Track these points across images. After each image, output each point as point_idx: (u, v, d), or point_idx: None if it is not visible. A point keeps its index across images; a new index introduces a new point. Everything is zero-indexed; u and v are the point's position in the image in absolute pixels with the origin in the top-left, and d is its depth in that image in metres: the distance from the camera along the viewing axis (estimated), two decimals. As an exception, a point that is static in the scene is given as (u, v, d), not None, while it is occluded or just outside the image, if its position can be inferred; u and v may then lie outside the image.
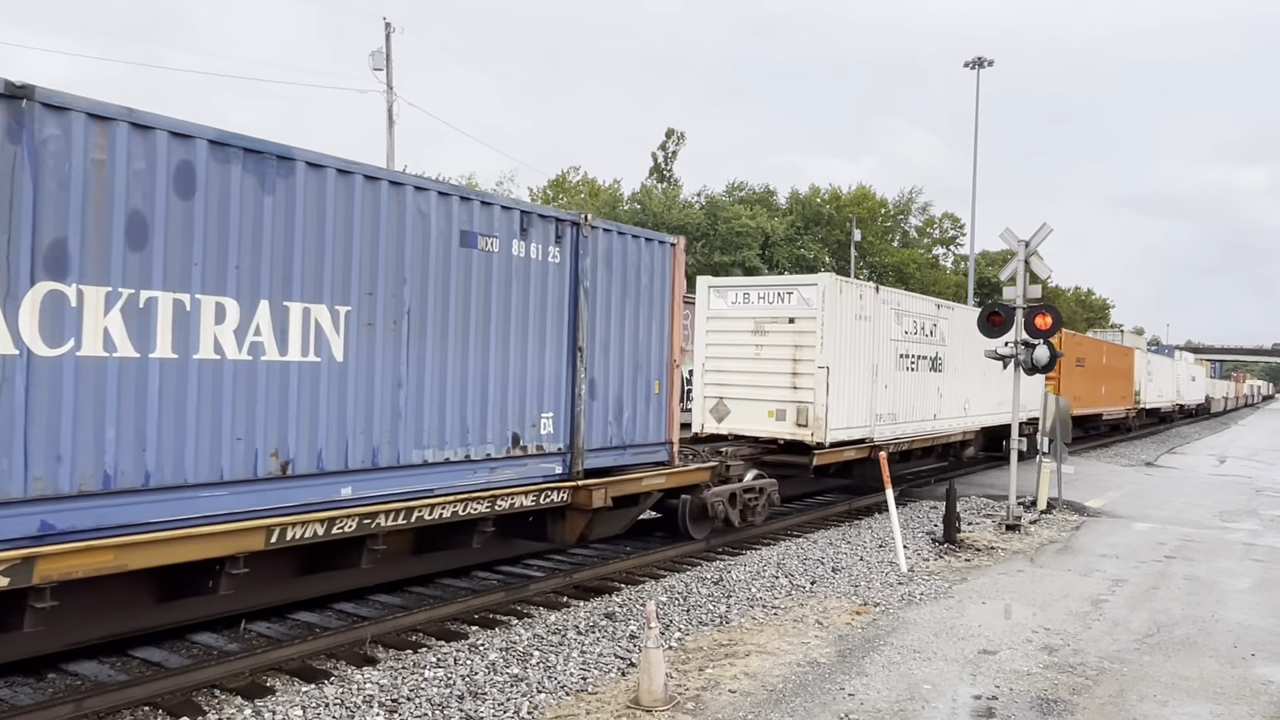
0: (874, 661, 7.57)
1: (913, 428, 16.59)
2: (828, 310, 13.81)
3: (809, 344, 13.85)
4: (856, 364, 14.47)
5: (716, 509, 12.02)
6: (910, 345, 16.38)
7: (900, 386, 15.98)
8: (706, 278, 15.41)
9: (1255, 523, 15.88)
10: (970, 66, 43.45)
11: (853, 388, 14.37)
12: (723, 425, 14.62)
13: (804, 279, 14.39)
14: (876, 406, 15.10)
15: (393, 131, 31.43)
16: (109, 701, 6.22)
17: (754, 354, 14.43)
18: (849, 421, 14.38)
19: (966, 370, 18.84)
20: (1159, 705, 6.83)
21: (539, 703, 6.53)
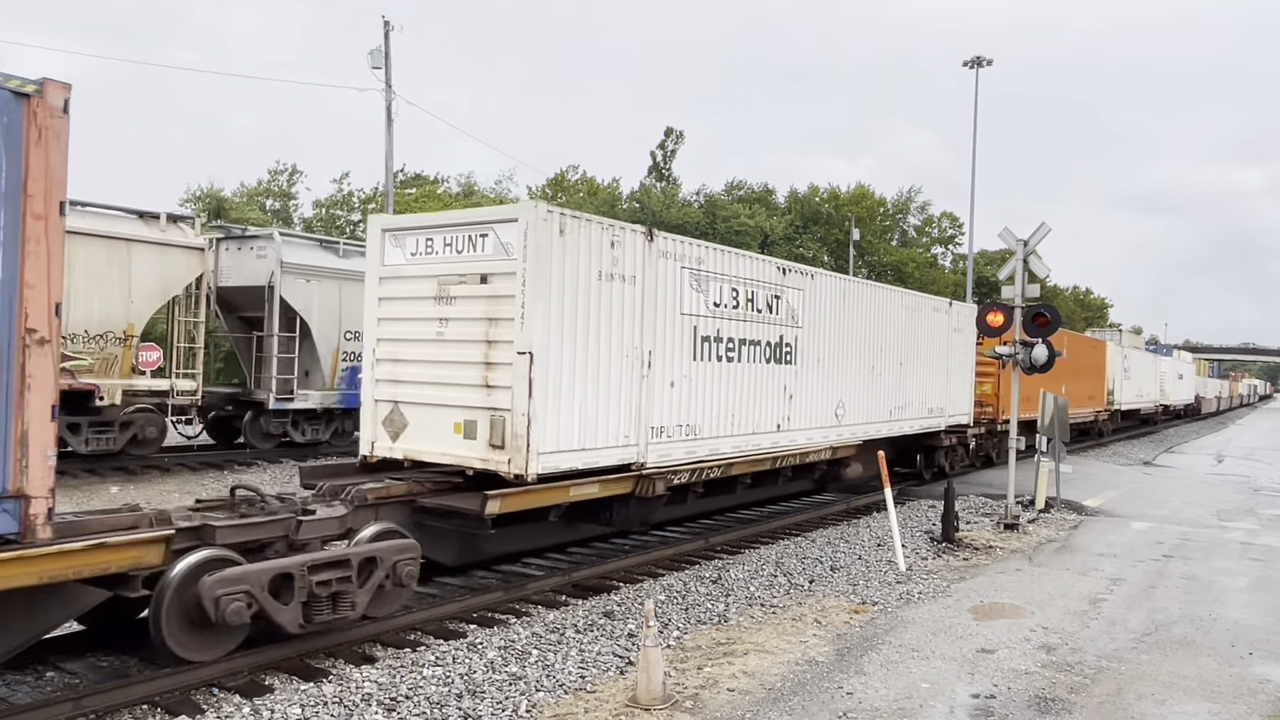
0: (872, 660, 7.57)
1: (731, 444, 11.85)
2: (536, 261, 8.80)
3: (506, 316, 8.99)
4: (600, 349, 9.64)
5: (225, 609, 6.55)
6: (726, 324, 11.67)
7: (705, 384, 11.29)
8: (381, 216, 10.72)
9: (1253, 522, 15.90)
10: (969, 66, 43.44)
11: (595, 386, 9.60)
12: (398, 446, 9.85)
13: (501, 211, 9.58)
14: (653, 415, 10.38)
15: (391, 130, 31.41)
16: (107, 700, 6.21)
17: (437, 334, 9.56)
18: (586, 439, 9.52)
19: (840, 362, 14.53)
20: (1157, 704, 6.84)
21: (537, 701, 6.53)
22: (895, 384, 16.39)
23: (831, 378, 14.31)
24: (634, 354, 10.15)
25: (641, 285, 10.20)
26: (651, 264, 10.39)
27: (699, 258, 11.22)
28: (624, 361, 10.00)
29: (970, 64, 43.40)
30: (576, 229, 9.35)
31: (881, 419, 15.98)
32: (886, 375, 16.04)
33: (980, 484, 19.31)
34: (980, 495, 17.59)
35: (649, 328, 10.35)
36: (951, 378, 18.73)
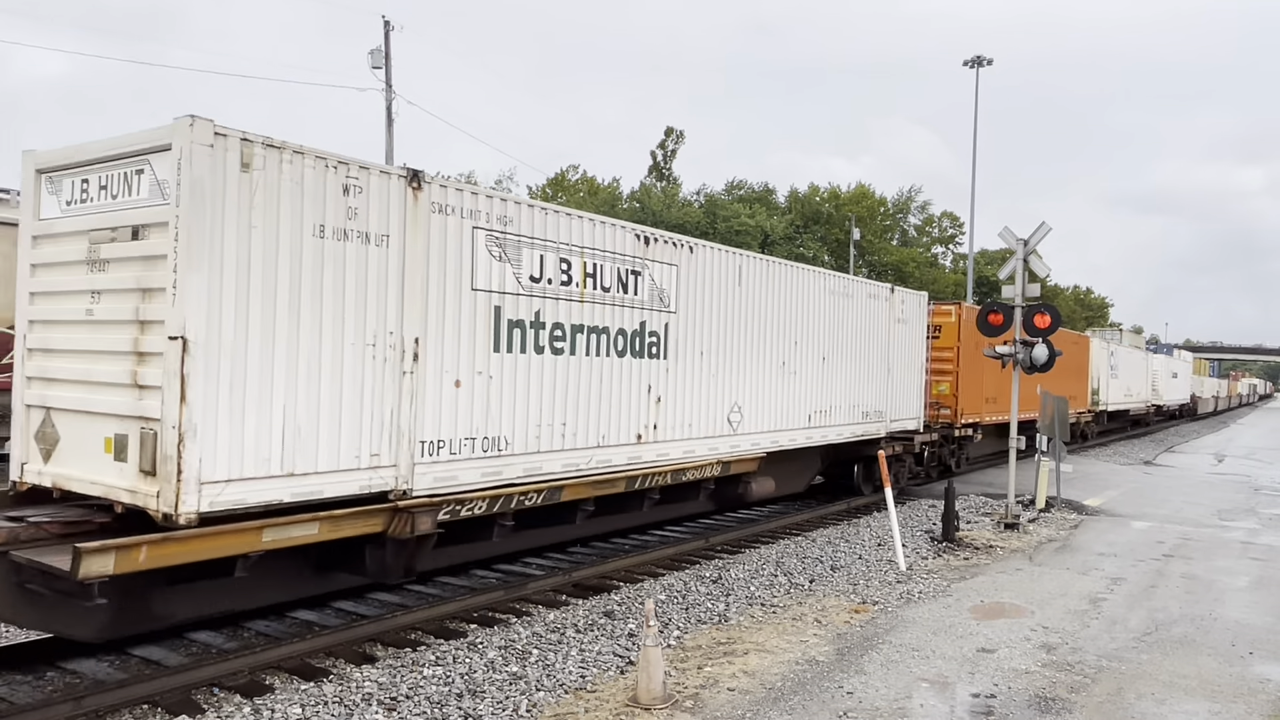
0: (872, 660, 7.58)
1: (561, 461, 9.24)
2: (198, 206, 6.27)
3: (159, 285, 6.40)
4: (324, 336, 7.07)
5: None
6: (552, 306, 9.09)
7: (517, 384, 8.71)
8: (36, 151, 7.49)
9: (1253, 521, 15.89)
10: (969, 65, 43.45)
11: (312, 387, 7.00)
12: (48, 469, 7.15)
13: (154, 135, 6.52)
14: (423, 426, 7.83)
15: (392, 130, 31.41)
16: (108, 700, 6.22)
17: (86, 312, 6.98)
18: (298, 460, 6.89)
19: (734, 356, 11.94)
20: (1157, 703, 6.84)
21: (538, 701, 6.53)
22: (816, 383, 13.87)
23: (722, 376, 11.72)
24: (386, 343, 7.50)
25: (402, 249, 7.60)
26: (419, 220, 7.73)
27: (504, 216, 8.52)
28: (367, 353, 7.36)
29: (970, 63, 43.41)
30: (278, 165, 6.68)
31: (796, 425, 13.42)
32: (804, 373, 13.52)
33: (981, 483, 19.31)
34: (981, 495, 17.60)
35: (415, 308, 7.71)
36: (895, 376, 16.32)
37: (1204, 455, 30.99)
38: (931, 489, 17.88)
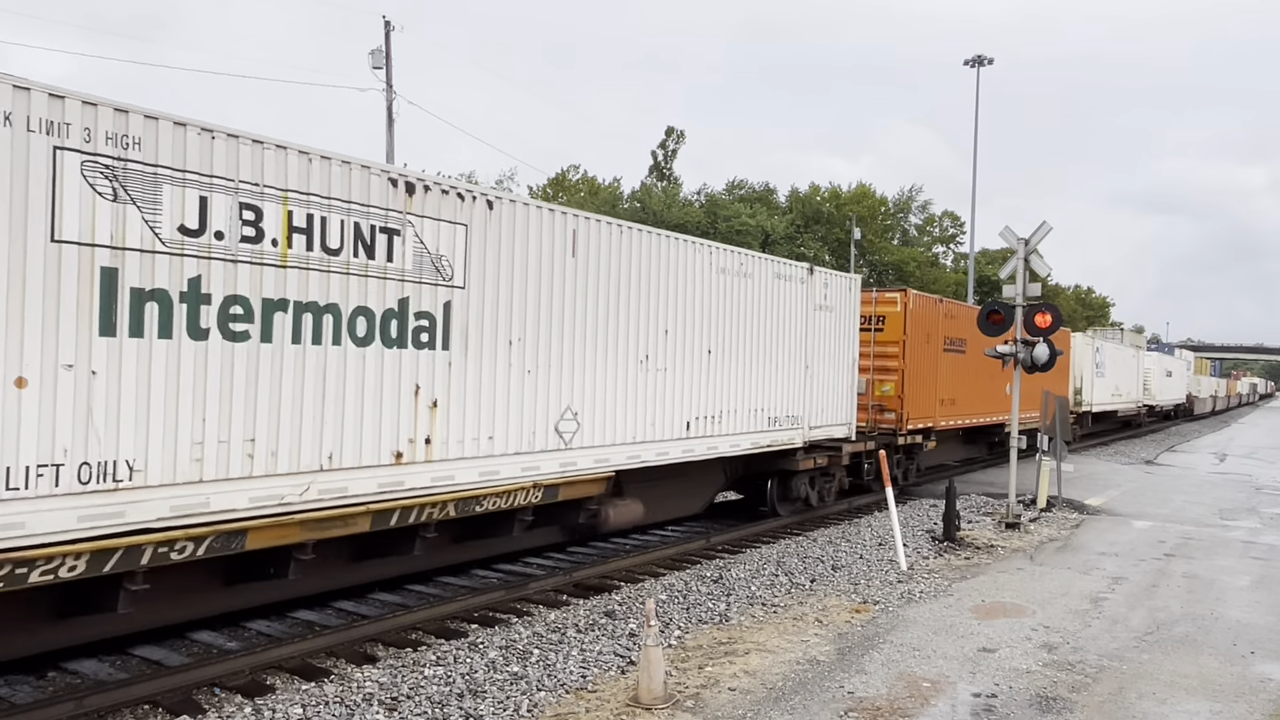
0: (873, 659, 7.57)
1: (250, 493, 6.72)
2: None
3: None
4: None
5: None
6: (224, 270, 6.61)
7: (150, 383, 6.22)
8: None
9: (1255, 520, 15.89)
10: (970, 65, 43.43)
11: None
12: None
13: None
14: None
15: (392, 130, 31.41)
16: (109, 700, 6.22)
17: None
18: None
19: (567, 347, 9.50)
20: (1158, 703, 6.84)
21: (539, 700, 6.53)
22: (698, 383, 11.36)
23: (546, 373, 9.16)
24: None
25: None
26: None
27: (125, 135, 6.02)
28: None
29: (971, 63, 43.38)
30: None
31: (667, 436, 10.86)
32: (678, 370, 10.98)
33: (982, 483, 19.30)
34: (982, 494, 17.59)
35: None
36: (817, 375, 13.83)
37: (1205, 454, 30.98)
38: (933, 488, 17.87)
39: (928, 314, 17.59)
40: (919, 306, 17.01)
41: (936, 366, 17.58)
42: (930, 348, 17.49)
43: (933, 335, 17.58)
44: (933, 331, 17.62)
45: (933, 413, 17.54)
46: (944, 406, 18.01)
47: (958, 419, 18.75)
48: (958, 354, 18.66)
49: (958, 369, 18.82)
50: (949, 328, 18.37)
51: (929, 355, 17.32)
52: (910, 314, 16.67)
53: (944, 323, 18.17)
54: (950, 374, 17.98)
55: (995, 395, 20.51)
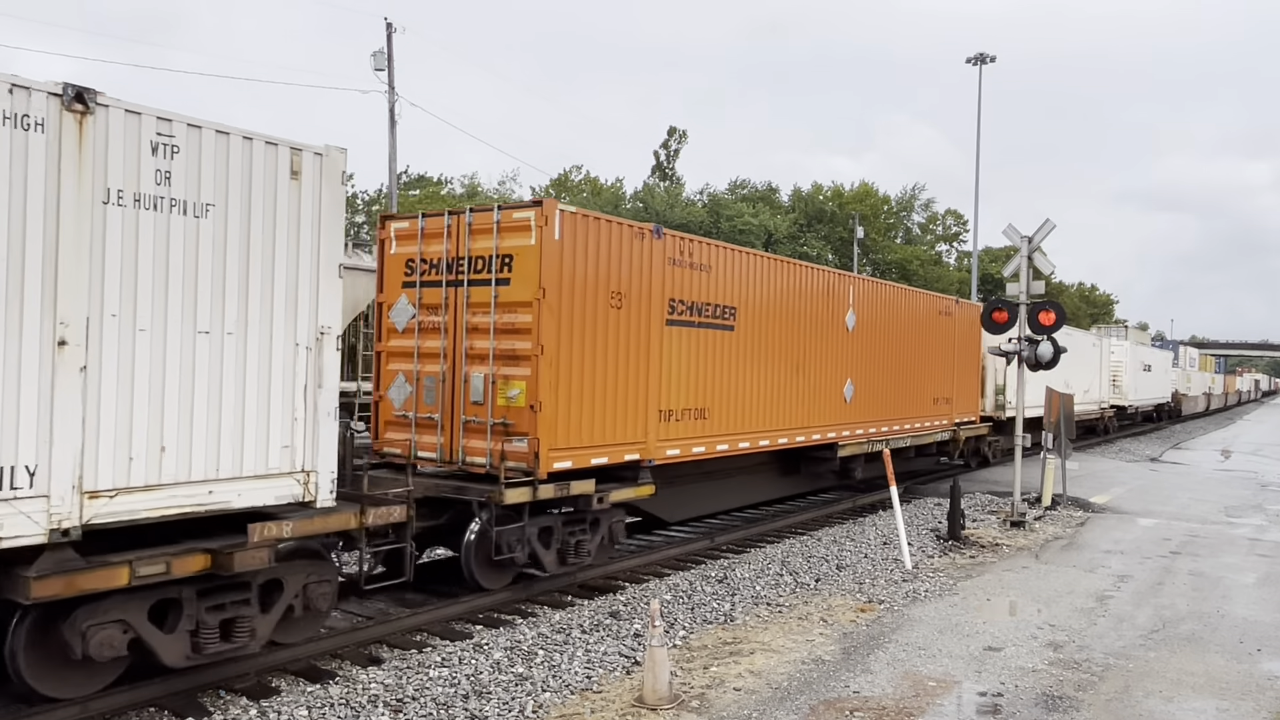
0: (879, 659, 7.56)
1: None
2: None
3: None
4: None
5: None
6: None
7: None
8: None
9: (1261, 518, 15.85)
10: (972, 63, 43.36)
11: None
12: None
13: None
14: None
15: (395, 132, 31.43)
16: (115, 702, 6.23)
17: None
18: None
19: None
20: (1165, 701, 6.82)
21: (544, 701, 6.53)
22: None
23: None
24: None
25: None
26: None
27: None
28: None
29: (974, 60, 43.31)
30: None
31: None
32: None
33: (987, 481, 19.27)
34: (986, 493, 17.56)
35: None
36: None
37: (1210, 451, 30.92)
38: (937, 487, 17.85)
39: (613, 248, 9.75)
40: (582, 234, 9.35)
41: (647, 347, 10.24)
42: (608, 317, 9.71)
43: (634, 291, 10.02)
44: (635, 283, 10.04)
45: (637, 433, 10.15)
46: (679, 422, 10.79)
47: (719, 440, 11.45)
48: (723, 330, 11.54)
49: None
50: (686, 283, 10.84)
51: (603, 327, 9.63)
52: (564, 249, 9.14)
53: (669, 272, 10.55)
54: (700, 359, 11.13)
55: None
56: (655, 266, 10.32)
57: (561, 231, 9.13)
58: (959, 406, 18.98)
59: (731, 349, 11.75)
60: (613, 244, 9.78)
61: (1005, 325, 14.48)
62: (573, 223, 9.28)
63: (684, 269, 10.85)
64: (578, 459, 9.40)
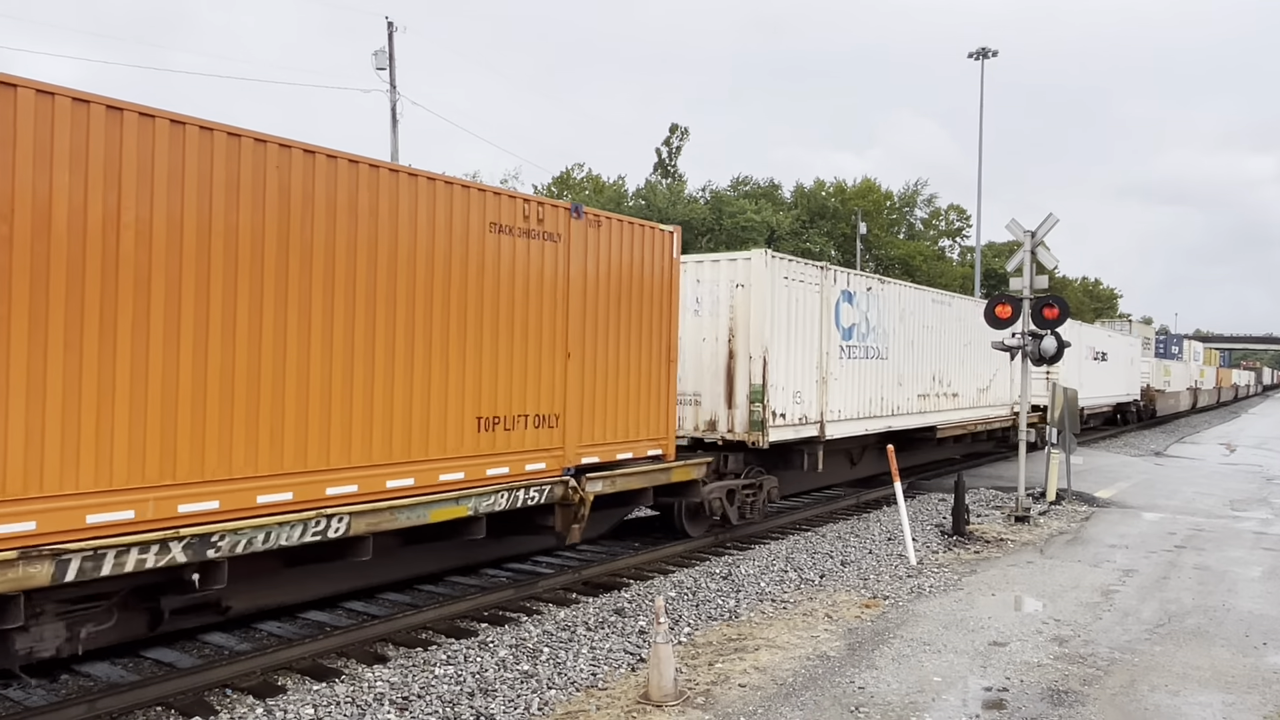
0: (884, 654, 7.56)
1: None
2: None
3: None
4: None
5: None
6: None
7: None
8: None
9: (1266, 511, 15.82)
10: (974, 57, 43.29)
11: None
12: None
13: None
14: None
15: (396, 130, 31.47)
16: (121, 702, 6.25)
17: None
18: None
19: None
20: (1170, 695, 6.81)
21: (549, 699, 6.54)
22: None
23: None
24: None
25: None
26: None
27: None
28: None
29: (975, 55, 43.25)
30: None
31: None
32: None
33: (991, 476, 19.27)
34: (991, 488, 17.55)
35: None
36: None
37: (1215, 446, 30.88)
38: (941, 482, 17.84)
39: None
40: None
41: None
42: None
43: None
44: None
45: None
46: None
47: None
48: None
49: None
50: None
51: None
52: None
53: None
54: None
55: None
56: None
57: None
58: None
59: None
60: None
61: (1009, 320, 14.46)
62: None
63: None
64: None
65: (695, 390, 12.57)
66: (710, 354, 12.52)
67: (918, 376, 16.91)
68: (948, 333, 18.30)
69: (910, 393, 16.60)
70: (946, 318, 18.36)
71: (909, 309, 16.68)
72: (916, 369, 16.85)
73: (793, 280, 12.90)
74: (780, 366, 12.52)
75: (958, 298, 19.62)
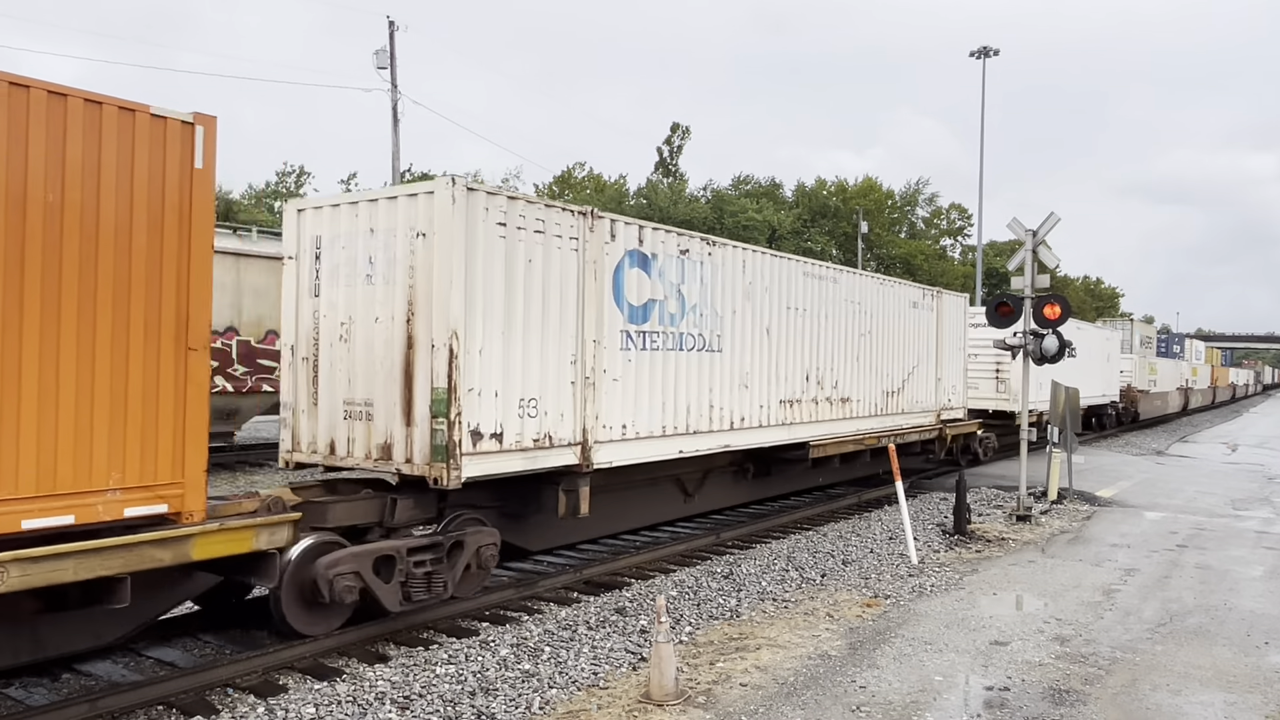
0: (885, 654, 7.56)
1: None
2: None
3: None
4: None
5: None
6: None
7: None
8: None
9: (1268, 511, 15.81)
10: (976, 56, 43.26)
11: None
12: None
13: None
14: None
15: (397, 130, 31.48)
16: (123, 701, 6.25)
17: None
18: None
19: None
20: (1172, 694, 6.81)
21: (550, 698, 6.54)
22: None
23: None
24: None
25: None
26: None
27: None
28: None
29: (977, 54, 43.21)
30: None
31: None
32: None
33: (992, 476, 19.25)
34: (992, 488, 17.54)
35: None
36: None
37: (1216, 445, 30.86)
38: (943, 481, 17.82)
39: None
40: None
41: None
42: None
43: None
44: None
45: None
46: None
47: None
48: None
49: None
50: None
51: None
52: None
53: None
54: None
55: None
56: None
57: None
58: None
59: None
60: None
61: (1010, 319, 14.45)
62: None
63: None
64: None
65: (366, 397, 8.42)
66: (384, 341, 8.33)
67: (779, 376, 12.60)
68: (833, 318, 13.98)
69: (765, 398, 12.31)
70: (830, 298, 13.91)
71: (763, 283, 12.31)
72: (777, 366, 12.57)
73: (519, 229, 8.63)
74: (492, 361, 8.33)
75: (849, 272, 14.80)
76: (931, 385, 17.20)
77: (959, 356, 18.59)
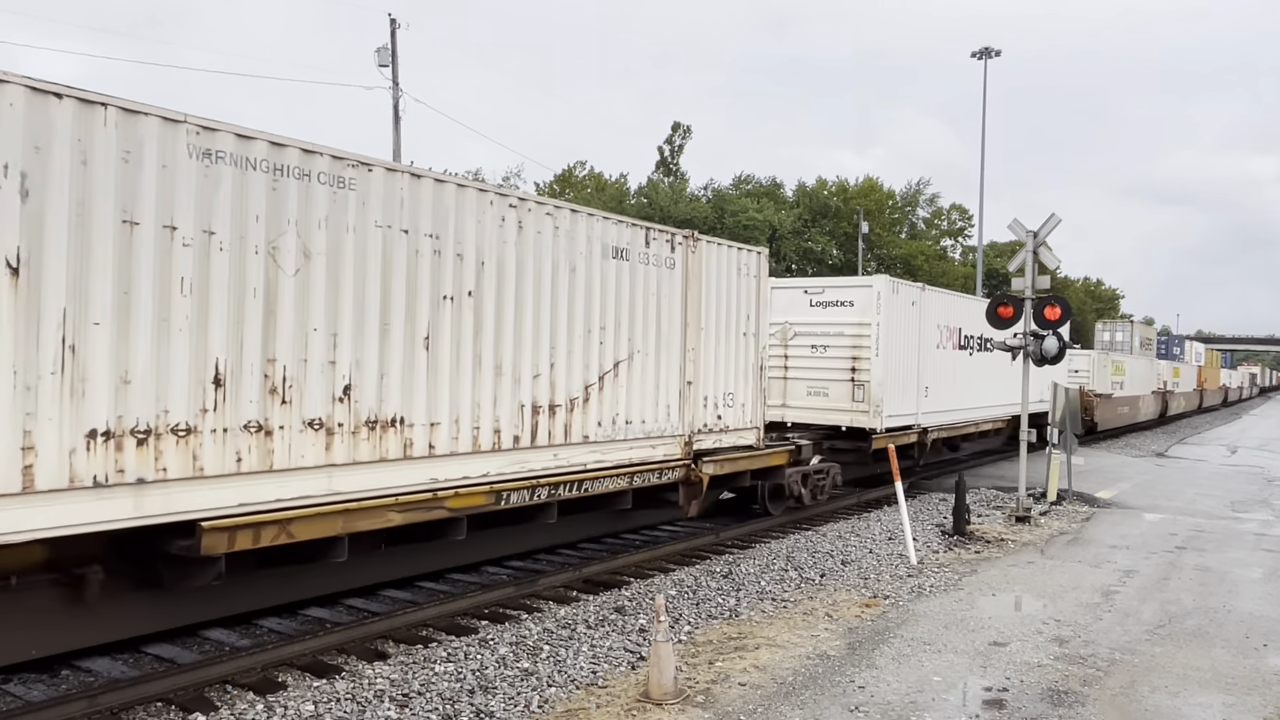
0: (884, 654, 7.56)
1: None
2: None
3: None
4: None
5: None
6: None
7: None
8: None
9: (1267, 513, 15.81)
10: (977, 57, 43.23)
11: None
12: None
13: None
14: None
15: (399, 128, 31.46)
16: (122, 698, 6.25)
17: None
18: None
19: None
20: (1170, 696, 6.81)
21: (549, 696, 6.55)
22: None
23: None
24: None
25: None
26: None
27: None
28: None
29: (978, 55, 43.18)
30: None
31: None
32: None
33: (992, 476, 19.26)
34: (991, 488, 17.54)
35: None
36: None
37: (1216, 447, 30.86)
38: (942, 482, 17.83)
39: None
40: None
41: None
42: None
43: None
44: None
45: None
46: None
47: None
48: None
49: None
50: None
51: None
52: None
53: None
54: None
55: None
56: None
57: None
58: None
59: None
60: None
61: (1011, 320, 14.44)
62: None
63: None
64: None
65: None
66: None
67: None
68: (353, 261, 7.34)
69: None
70: (324, 220, 7.14)
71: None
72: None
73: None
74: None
75: (401, 171, 7.92)
76: (669, 394, 10.80)
77: (747, 347, 12.22)
